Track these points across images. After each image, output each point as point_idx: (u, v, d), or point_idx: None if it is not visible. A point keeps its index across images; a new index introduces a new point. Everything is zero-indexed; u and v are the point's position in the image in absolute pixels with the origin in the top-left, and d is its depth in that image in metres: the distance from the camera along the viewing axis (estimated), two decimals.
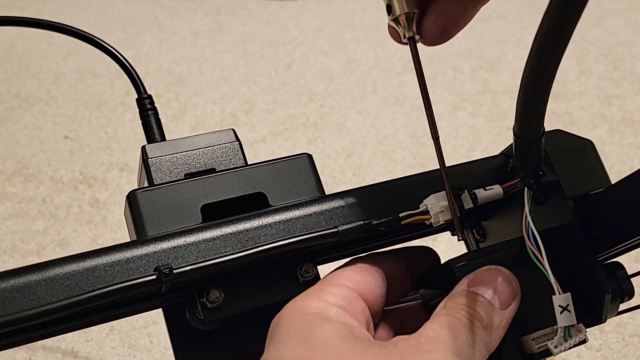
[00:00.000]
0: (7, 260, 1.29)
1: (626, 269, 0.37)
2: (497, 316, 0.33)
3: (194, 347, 0.39)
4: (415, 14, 0.36)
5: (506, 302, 0.34)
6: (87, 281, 0.34)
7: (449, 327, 0.32)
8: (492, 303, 0.33)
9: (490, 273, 0.34)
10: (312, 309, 0.33)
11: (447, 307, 0.33)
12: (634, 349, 1.08)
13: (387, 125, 1.61)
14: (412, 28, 0.36)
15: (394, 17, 0.36)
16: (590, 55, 1.82)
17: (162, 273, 0.34)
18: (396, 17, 0.36)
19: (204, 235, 0.37)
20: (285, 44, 1.96)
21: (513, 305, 0.34)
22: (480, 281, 0.34)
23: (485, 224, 0.42)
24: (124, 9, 2.16)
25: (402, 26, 0.36)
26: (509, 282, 0.34)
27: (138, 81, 0.55)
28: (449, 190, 0.37)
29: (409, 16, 0.36)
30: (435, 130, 0.36)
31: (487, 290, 0.34)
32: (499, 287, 0.34)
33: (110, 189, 1.45)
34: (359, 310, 0.34)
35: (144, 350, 1.13)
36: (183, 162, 0.44)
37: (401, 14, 0.36)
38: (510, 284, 0.34)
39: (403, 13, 0.36)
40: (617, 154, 1.48)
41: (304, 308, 0.33)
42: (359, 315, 0.34)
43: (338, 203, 0.39)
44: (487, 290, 0.34)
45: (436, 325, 0.32)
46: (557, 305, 0.33)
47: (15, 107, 1.71)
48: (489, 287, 0.34)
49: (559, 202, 0.36)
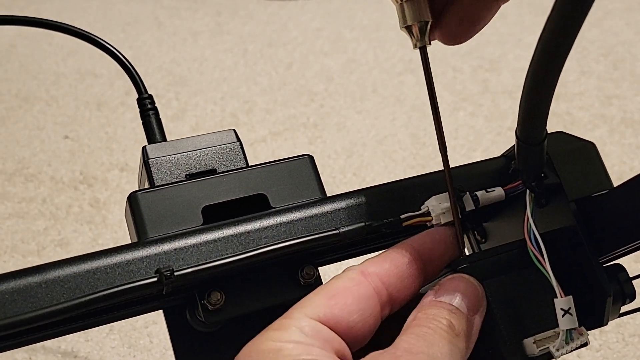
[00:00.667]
0: (7, 260, 1.29)
1: (628, 272, 0.37)
2: (467, 323, 0.33)
3: (194, 348, 0.39)
4: (428, 23, 0.35)
5: (474, 308, 0.34)
6: (88, 283, 0.34)
7: (424, 338, 0.32)
8: (461, 310, 0.33)
9: (454, 282, 0.34)
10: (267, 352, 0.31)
11: (418, 318, 0.33)
12: (633, 349, 1.08)
13: (387, 125, 1.61)
14: (425, 37, 0.35)
15: (405, 25, 0.35)
16: (590, 56, 1.82)
17: (163, 275, 0.34)
18: (408, 25, 0.35)
19: (205, 237, 0.37)
20: (285, 44, 1.96)
21: (481, 311, 0.34)
22: (445, 290, 0.34)
23: (486, 225, 0.42)
24: (124, 9, 2.16)
25: (414, 36, 0.35)
26: (474, 288, 0.34)
27: (139, 81, 0.55)
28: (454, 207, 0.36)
29: (422, 25, 0.35)
30: (443, 144, 0.36)
31: (454, 299, 0.33)
32: (465, 294, 0.34)
33: (111, 189, 1.45)
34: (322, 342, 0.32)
35: (144, 350, 1.13)
36: (184, 163, 0.44)
37: (413, 23, 0.35)
38: (475, 289, 0.34)
39: (416, 22, 0.35)
40: (617, 154, 1.48)
41: (258, 352, 0.31)
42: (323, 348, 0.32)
43: (339, 205, 0.39)
44: (453, 298, 0.34)
45: (410, 337, 0.32)
46: (559, 309, 0.33)
47: (15, 107, 1.71)
48: (454, 295, 0.34)
49: (561, 204, 0.36)
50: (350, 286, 0.34)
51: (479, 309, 0.34)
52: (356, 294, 0.34)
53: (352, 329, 0.33)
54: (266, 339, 0.32)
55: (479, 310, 0.34)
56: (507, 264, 0.35)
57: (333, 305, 0.33)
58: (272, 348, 0.31)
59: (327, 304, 0.33)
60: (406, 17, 0.35)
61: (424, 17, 0.34)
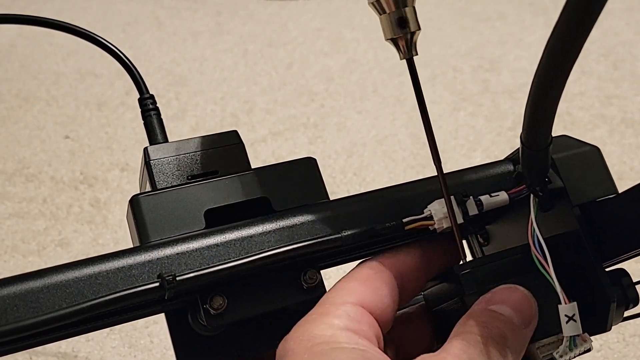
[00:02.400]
0: (7, 260, 1.29)
1: (631, 276, 0.37)
2: (519, 335, 0.33)
3: (196, 351, 0.39)
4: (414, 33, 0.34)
5: (526, 322, 0.33)
6: (90, 288, 0.34)
7: (476, 346, 0.31)
8: (514, 321, 0.33)
9: (508, 292, 0.34)
10: (319, 337, 0.31)
11: (469, 325, 0.32)
12: (634, 349, 1.08)
13: (387, 125, 1.61)
14: (412, 49, 0.34)
15: (391, 37, 0.34)
16: (590, 56, 1.82)
17: (165, 280, 0.33)
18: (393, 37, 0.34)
19: (207, 242, 0.36)
20: (285, 44, 1.95)
21: (532, 324, 0.33)
22: (499, 300, 0.33)
23: (489, 228, 0.42)
24: (124, 9, 2.16)
25: (400, 48, 0.34)
26: (528, 301, 0.34)
27: (140, 81, 0.54)
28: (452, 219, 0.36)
29: (408, 37, 0.34)
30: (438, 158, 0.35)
31: (507, 309, 0.33)
32: (518, 306, 0.33)
33: (111, 189, 1.44)
34: (367, 327, 0.33)
35: (144, 350, 1.13)
36: (186, 165, 0.44)
37: (399, 35, 0.34)
38: (530, 302, 0.34)
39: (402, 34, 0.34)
40: (617, 154, 1.48)
41: (310, 338, 0.31)
42: (368, 334, 0.33)
43: (342, 208, 0.39)
44: (506, 308, 0.33)
45: (462, 343, 0.31)
46: (563, 315, 0.33)
47: (15, 107, 1.71)
48: (507, 305, 0.33)
49: (564, 209, 0.36)
50: (375, 273, 0.35)
51: (530, 322, 0.33)
52: (382, 279, 0.35)
53: (384, 312, 0.34)
54: (317, 323, 0.32)
55: (530, 324, 0.33)
56: (511, 268, 0.35)
57: (368, 289, 0.34)
58: (325, 334, 0.31)
59: (362, 289, 0.34)
60: (391, 29, 0.34)
61: (410, 28, 0.33)
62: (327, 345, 0.31)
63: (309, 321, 0.33)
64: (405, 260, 0.37)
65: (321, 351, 0.31)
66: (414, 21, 0.34)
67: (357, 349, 0.31)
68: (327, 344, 0.31)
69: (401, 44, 0.34)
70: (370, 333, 0.33)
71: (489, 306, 0.33)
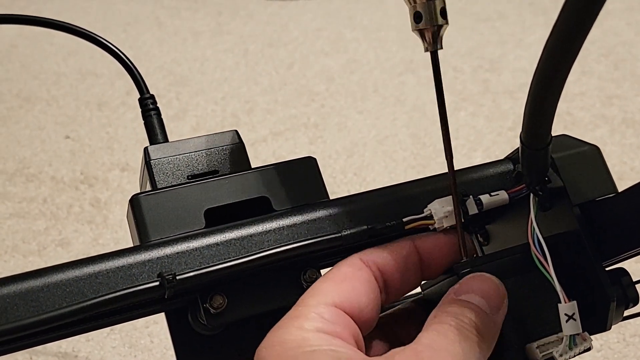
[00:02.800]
0: (8, 260, 1.29)
1: (631, 276, 0.37)
2: (489, 322, 0.33)
3: (196, 351, 0.39)
4: (442, 27, 0.34)
5: (496, 307, 0.33)
6: (90, 287, 0.34)
7: (446, 335, 0.31)
8: (482, 309, 0.33)
9: (475, 280, 0.34)
10: (291, 342, 0.31)
11: (439, 316, 0.33)
12: (634, 349, 1.08)
13: (388, 125, 1.61)
14: (437, 42, 0.34)
15: (418, 28, 0.34)
16: (591, 56, 1.82)
17: (165, 279, 0.33)
18: (420, 29, 0.34)
19: (207, 241, 0.36)
20: (286, 44, 1.96)
21: (502, 309, 0.34)
22: (467, 289, 0.34)
23: (489, 228, 0.42)
24: (124, 9, 2.16)
25: (426, 39, 0.34)
26: (495, 287, 0.34)
27: (140, 81, 0.54)
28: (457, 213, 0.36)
29: (435, 30, 0.34)
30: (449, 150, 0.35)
31: (475, 297, 0.33)
32: (486, 293, 0.33)
33: (111, 189, 1.44)
34: (342, 328, 0.32)
35: (144, 350, 1.13)
36: (186, 164, 0.44)
37: (427, 27, 0.34)
38: (497, 288, 0.34)
39: (429, 26, 0.34)
40: (617, 154, 1.48)
41: (281, 343, 0.31)
42: (344, 334, 0.32)
43: (342, 208, 0.39)
44: (475, 297, 0.33)
45: (432, 333, 0.31)
46: (562, 314, 0.33)
47: (16, 107, 1.71)
48: (476, 294, 0.33)
49: (564, 208, 0.36)
50: (354, 271, 0.35)
51: (500, 307, 0.33)
52: (360, 278, 0.34)
53: (363, 312, 0.34)
54: (289, 328, 0.32)
55: (500, 309, 0.33)
56: (510, 268, 0.35)
57: (343, 289, 0.34)
58: (296, 338, 0.31)
59: (337, 289, 0.34)
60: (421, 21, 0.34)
61: (437, 20, 0.34)
62: (298, 349, 0.31)
63: (281, 326, 0.32)
64: (388, 258, 0.36)
65: (292, 355, 0.30)
66: (443, 14, 0.34)
67: (329, 349, 0.31)
68: (299, 347, 0.31)
69: (427, 35, 0.34)
70: (346, 334, 0.32)
71: (458, 296, 0.33)
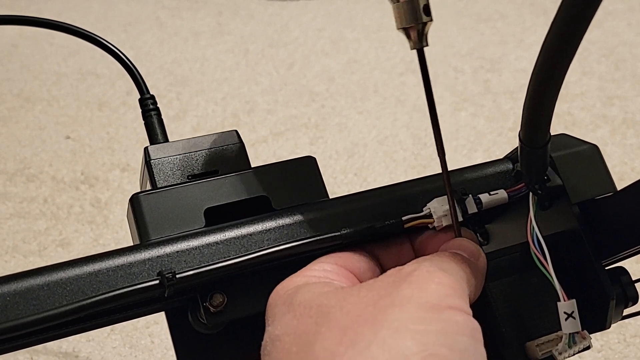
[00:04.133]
0: (8, 260, 1.29)
1: (630, 274, 0.37)
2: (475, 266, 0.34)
3: (196, 349, 0.39)
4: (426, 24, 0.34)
5: (474, 256, 0.34)
6: (90, 286, 0.34)
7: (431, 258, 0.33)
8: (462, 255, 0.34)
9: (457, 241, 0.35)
10: (293, 284, 0.33)
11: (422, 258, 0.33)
12: (635, 349, 1.08)
13: (388, 125, 1.61)
14: (423, 39, 0.34)
15: (403, 27, 0.34)
16: (591, 56, 1.82)
17: (165, 278, 0.34)
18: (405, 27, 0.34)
19: (207, 239, 0.36)
20: (286, 44, 1.96)
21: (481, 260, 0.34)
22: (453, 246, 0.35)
23: (488, 227, 0.42)
24: (125, 9, 2.16)
25: (411, 38, 0.34)
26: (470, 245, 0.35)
27: (141, 81, 0.54)
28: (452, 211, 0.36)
29: (420, 27, 0.34)
30: (441, 147, 0.36)
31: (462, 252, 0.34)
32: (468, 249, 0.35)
33: (112, 189, 1.45)
34: (346, 278, 0.34)
35: (145, 350, 1.13)
36: (186, 164, 0.44)
37: (411, 24, 0.33)
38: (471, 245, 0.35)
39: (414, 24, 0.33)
40: (618, 155, 1.48)
41: (285, 287, 0.33)
42: (343, 280, 0.34)
43: (341, 206, 0.39)
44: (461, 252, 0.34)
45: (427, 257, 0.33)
46: (562, 312, 0.33)
47: (17, 107, 1.71)
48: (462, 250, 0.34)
49: (563, 207, 0.36)
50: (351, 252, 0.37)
51: (478, 257, 0.34)
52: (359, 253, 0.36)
53: (364, 275, 0.35)
54: (292, 279, 0.34)
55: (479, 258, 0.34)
56: (510, 266, 0.35)
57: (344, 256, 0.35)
58: (299, 284, 0.33)
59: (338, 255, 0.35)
60: (404, 18, 0.34)
61: (421, 18, 0.33)
62: (297, 288, 0.32)
63: (287, 279, 0.34)
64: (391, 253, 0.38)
65: (291, 292, 0.32)
66: (427, 11, 0.34)
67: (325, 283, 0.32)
68: (298, 287, 0.32)
69: (412, 34, 0.34)
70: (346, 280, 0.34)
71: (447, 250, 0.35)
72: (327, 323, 0.29)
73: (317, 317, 0.29)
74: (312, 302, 0.30)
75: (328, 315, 0.29)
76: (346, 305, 0.29)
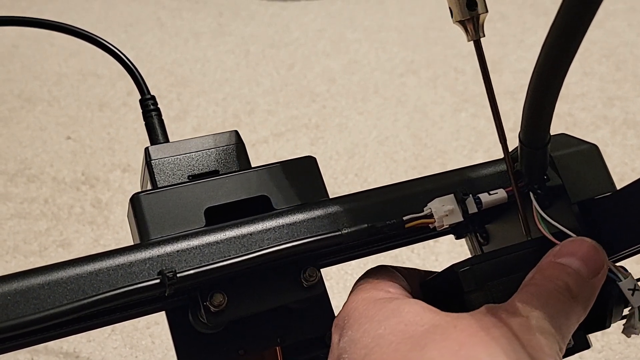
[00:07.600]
0: (9, 260, 1.29)
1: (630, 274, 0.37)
2: (585, 285, 0.33)
3: (196, 349, 0.39)
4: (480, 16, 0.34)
5: (594, 271, 0.33)
6: (91, 285, 0.34)
7: (539, 297, 0.32)
8: (580, 273, 0.33)
9: (574, 244, 0.34)
10: (380, 295, 0.34)
11: (535, 278, 0.33)
12: (635, 350, 1.08)
13: (388, 126, 1.61)
14: (479, 31, 0.35)
15: (459, 20, 0.35)
16: (592, 57, 1.82)
17: (166, 277, 0.34)
18: (461, 20, 0.35)
19: (207, 239, 0.36)
20: (287, 45, 1.96)
21: (601, 274, 0.33)
22: (565, 253, 0.34)
23: (488, 227, 0.42)
24: (126, 10, 2.16)
25: (468, 30, 0.35)
26: (596, 251, 0.34)
27: (141, 82, 0.55)
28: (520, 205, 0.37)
29: (476, 19, 0.34)
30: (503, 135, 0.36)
31: (574, 261, 0.33)
32: (585, 257, 0.33)
33: (113, 190, 1.45)
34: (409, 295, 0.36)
35: (145, 351, 1.13)
36: (186, 164, 0.44)
37: (467, 17, 0.34)
38: (597, 252, 0.34)
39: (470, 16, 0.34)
40: (619, 155, 1.48)
41: (372, 297, 0.34)
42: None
43: (342, 206, 0.39)
44: (574, 260, 0.33)
45: (526, 295, 0.32)
46: (626, 290, 0.34)
47: (17, 108, 1.71)
48: (575, 257, 0.33)
49: (563, 206, 0.36)
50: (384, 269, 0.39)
51: (599, 272, 0.33)
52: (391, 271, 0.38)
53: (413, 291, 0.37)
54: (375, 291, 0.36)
55: (599, 274, 0.33)
56: (510, 266, 0.35)
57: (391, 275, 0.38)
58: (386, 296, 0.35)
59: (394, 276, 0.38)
60: (460, 12, 0.34)
61: (477, 10, 0.34)
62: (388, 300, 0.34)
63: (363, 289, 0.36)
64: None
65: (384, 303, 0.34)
66: (482, 4, 0.34)
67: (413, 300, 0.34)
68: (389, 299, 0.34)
69: (469, 26, 0.35)
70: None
71: (557, 259, 0.33)
72: (442, 334, 0.30)
73: (428, 327, 0.31)
74: (422, 314, 0.32)
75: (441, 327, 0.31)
76: (459, 325, 0.31)
